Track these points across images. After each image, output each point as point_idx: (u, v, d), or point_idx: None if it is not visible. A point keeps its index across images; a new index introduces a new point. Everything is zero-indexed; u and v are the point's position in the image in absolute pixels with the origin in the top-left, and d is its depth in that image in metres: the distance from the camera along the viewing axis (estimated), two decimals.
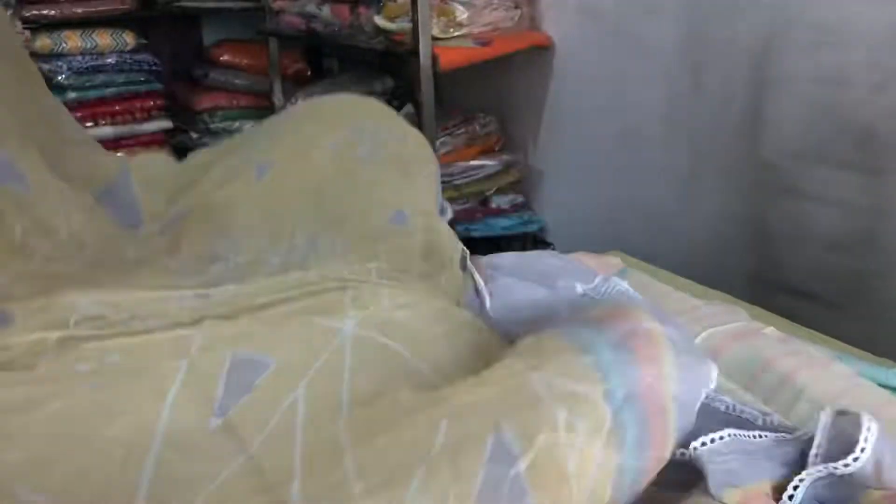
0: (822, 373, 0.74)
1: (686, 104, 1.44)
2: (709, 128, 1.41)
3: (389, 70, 2.31)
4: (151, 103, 2.22)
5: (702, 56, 1.40)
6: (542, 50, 1.72)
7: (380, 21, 1.70)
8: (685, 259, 1.50)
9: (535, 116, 1.81)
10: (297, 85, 2.36)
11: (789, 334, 0.87)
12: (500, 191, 1.83)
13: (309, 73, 2.45)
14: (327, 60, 2.58)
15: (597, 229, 1.72)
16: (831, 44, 1.17)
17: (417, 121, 1.62)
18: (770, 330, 0.86)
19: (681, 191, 1.50)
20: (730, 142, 1.38)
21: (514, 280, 0.86)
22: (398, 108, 2.07)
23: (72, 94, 2.05)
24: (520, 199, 1.85)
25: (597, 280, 0.86)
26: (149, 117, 2.23)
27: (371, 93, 2.20)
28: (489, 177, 1.80)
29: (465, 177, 1.77)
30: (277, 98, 2.33)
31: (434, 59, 1.58)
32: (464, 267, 0.86)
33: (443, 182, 1.71)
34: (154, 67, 2.18)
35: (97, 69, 2.09)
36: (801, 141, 1.24)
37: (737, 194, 1.39)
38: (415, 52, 1.57)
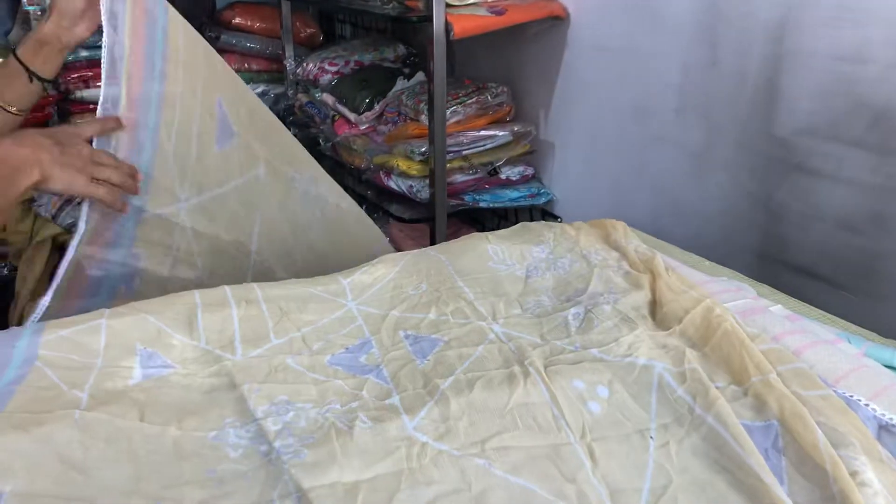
0: (829, 352, 0.74)
1: (701, 78, 1.43)
2: (723, 103, 1.40)
3: (402, 37, 2.29)
4: None
5: (718, 30, 1.38)
6: (557, 20, 1.70)
7: None
8: (693, 235, 1.50)
9: (548, 88, 1.80)
10: (310, 49, 2.35)
11: (796, 313, 0.88)
12: (510, 162, 1.82)
13: (321, 37, 2.43)
14: (340, 25, 2.56)
15: (605, 203, 1.71)
16: (851, 20, 1.15)
17: (429, 86, 1.61)
18: (777, 308, 0.86)
19: (692, 166, 1.49)
20: (743, 117, 1.37)
21: None
22: (409, 76, 2.06)
23: (83, 53, 2.04)
24: (529, 170, 1.84)
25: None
26: None
27: (383, 59, 2.19)
28: (499, 147, 1.78)
29: (475, 147, 1.76)
30: (289, 62, 2.32)
31: (447, 26, 1.56)
32: None
33: (451, 152, 1.72)
34: None
35: None
36: (815, 118, 1.23)
37: (748, 170, 1.38)
38: (428, 19, 1.55)
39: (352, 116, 2.01)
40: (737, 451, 0.62)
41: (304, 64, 2.21)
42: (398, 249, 2.01)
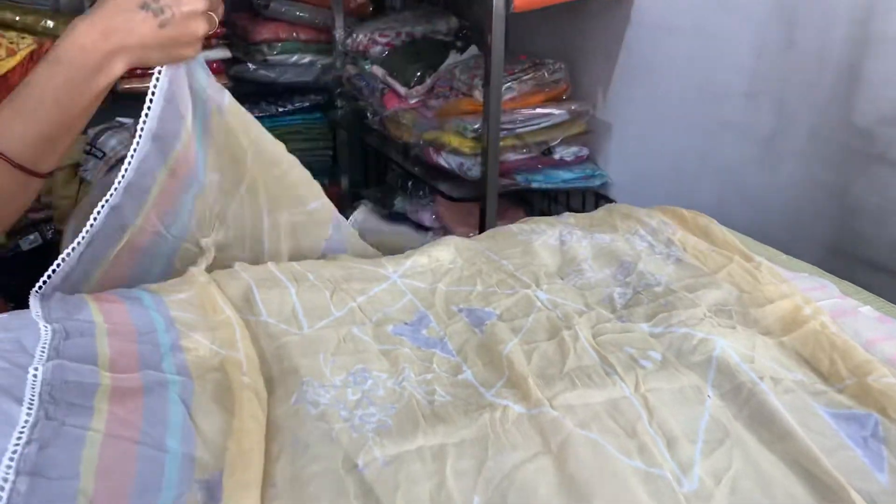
0: None
1: (775, 61, 1.36)
2: (798, 87, 1.33)
3: (454, 9, 2.24)
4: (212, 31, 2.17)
5: (797, 10, 1.30)
6: None
7: None
8: (759, 224, 1.43)
9: (607, 66, 1.73)
10: (359, 20, 2.30)
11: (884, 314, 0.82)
12: (564, 142, 1.76)
13: (371, 8, 2.39)
14: None
15: (664, 187, 1.65)
16: None
17: (486, 61, 1.56)
18: (867, 309, 0.80)
19: (760, 152, 1.42)
20: (820, 103, 1.29)
21: None
22: (462, 50, 2.00)
23: None
24: (584, 151, 1.78)
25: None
26: (209, 45, 2.19)
27: (435, 32, 2.13)
28: (554, 126, 1.72)
29: (529, 125, 1.70)
30: (339, 33, 2.28)
31: None
32: None
33: (504, 129, 1.66)
34: None
35: None
36: None
37: (822, 160, 1.31)
38: None
39: (402, 90, 1.96)
40: (802, 442, 0.58)
41: (354, 35, 2.16)
42: (444, 228, 1.98)
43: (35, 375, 0.57)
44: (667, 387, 0.63)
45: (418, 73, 1.93)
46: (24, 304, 0.71)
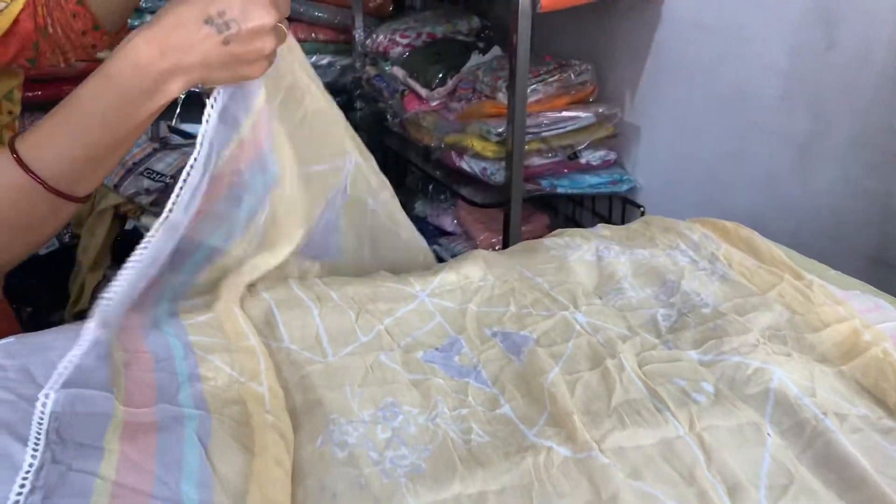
0: None
1: (813, 62, 1.30)
2: (838, 91, 1.27)
3: (475, 8, 2.19)
4: None
5: (837, 9, 1.25)
6: None
7: None
8: (796, 232, 1.38)
9: (636, 66, 1.68)
10: (379, 20, 2.26)
11: None
12: (591, 145, 1.71)
13: (391, 7, 2.34)
14: None
15: (695, 193, 1.60)
16: None
17: (511, 64, 1.51)
18: None
19: (797, 157, 1.37)
20: (861, 106, 1.24)
21: None
22: (484, 51, 1.95)
23: (150, 18, 1.98)
24: (611, 155, 1.73)
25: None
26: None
27: (456, 32, 2.09)
28: (581, 129, 1.67)
29: (555, 128, 1.65)
30: (358, 33, 2.24)
31: None
32: None
33: (530, 133, 1.61)
34: None
35: None
36: None
37: (864, 165, 1.25)
38: None
39: (423, 92, 1.92)
40: (878, 489, 0.53)
41: (374, 35, 2.12)
42: (467, 234, 1.93)
43: (45, 404, 0.53)
44: (723, 424, 0.58)
45: (440, 75, 1.88)
46: (39, 308, 0.67)
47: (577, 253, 0.86)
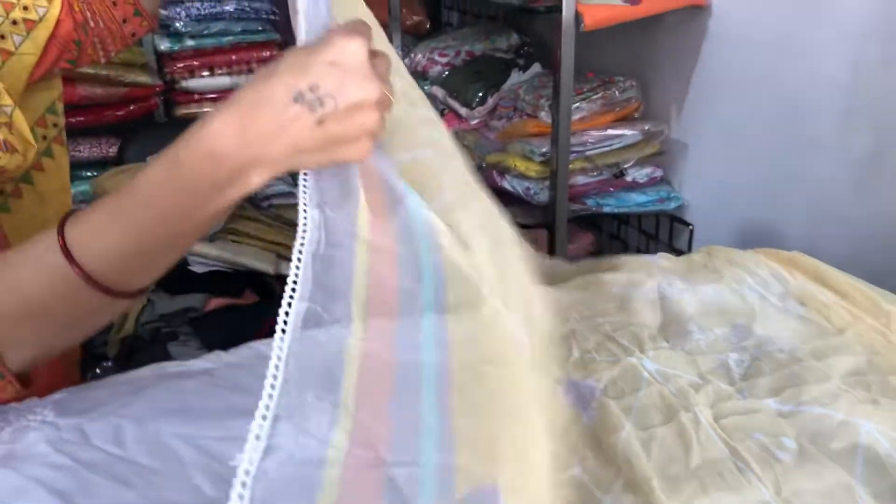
0: None
1: (874, 77, 1.25)
2: None
3: (515, 26, 2.16)
4: (268, 53, 2.14)
5: None
6: (697, 9, 1.53)
7: None
8: (855, 254, 1.32)
9: (682, 82, 1.64)
10: (416, 38, 2.25)
11: None
12: (637, 163, 1.67)
13: (428, 25, 2.33)
14: (446, 12, 2.45)
15: (747, 211, 1.55)
16: None
17: (554, 82, 1.48)
18: None
19: (857, 175, 1.31)
20: None
21: None
22: (524, 69, 1.92)
23: (189, 42, 1.99)
24: (658, 172, 1.69)
25: None
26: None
27: (495, 49, 2.06)
28: (626, 147, 1.64)
29: (600, 146, 1.62)
30: (396, 51, 2.22)
31: (577, 16, 1.42)
32: None
33: (574, 152, 1.58)
34: (272, 17, 2.10)
35: (215, 17, 2.02)
36: None
37: None
38: (556, 9, 1.42)
39: (463, 111, 1.89)
40: None
41: (412, 54, 2.11)
42: None
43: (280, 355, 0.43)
44: (811, 487, 0.55)
45: (480, 94, 1.86)
46: None
47: (640, 291, 0.82)
